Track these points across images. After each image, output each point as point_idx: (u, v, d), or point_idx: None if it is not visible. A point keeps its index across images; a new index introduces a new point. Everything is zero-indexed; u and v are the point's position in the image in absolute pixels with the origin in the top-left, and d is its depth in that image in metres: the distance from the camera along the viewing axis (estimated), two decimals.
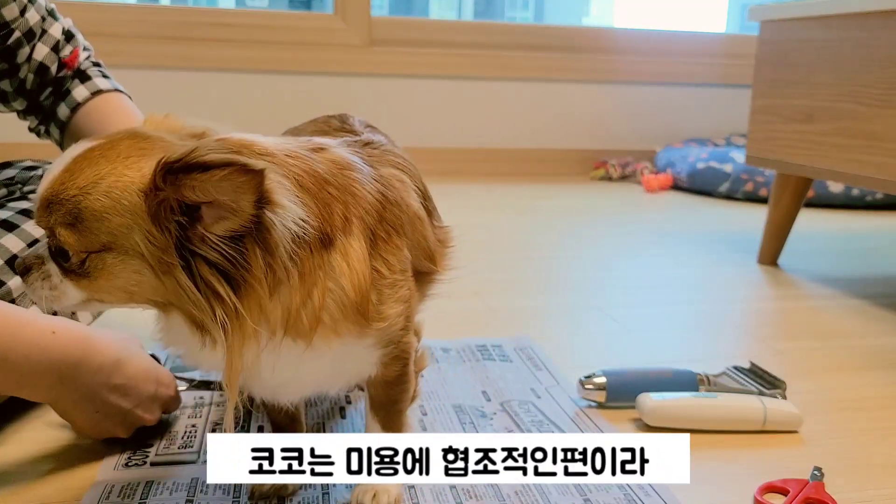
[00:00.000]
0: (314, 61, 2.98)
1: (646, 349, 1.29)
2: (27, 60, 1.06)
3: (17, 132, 1.19)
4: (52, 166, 0.64)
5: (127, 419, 0.85)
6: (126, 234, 0.61)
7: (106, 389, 0.81)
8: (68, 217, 0.61)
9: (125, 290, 0.63)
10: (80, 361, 0.79)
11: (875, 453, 0.94)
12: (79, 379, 0.79)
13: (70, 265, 0.63)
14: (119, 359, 0.82)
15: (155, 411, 0.88)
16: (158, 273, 0.61)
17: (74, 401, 0.81)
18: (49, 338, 0.76)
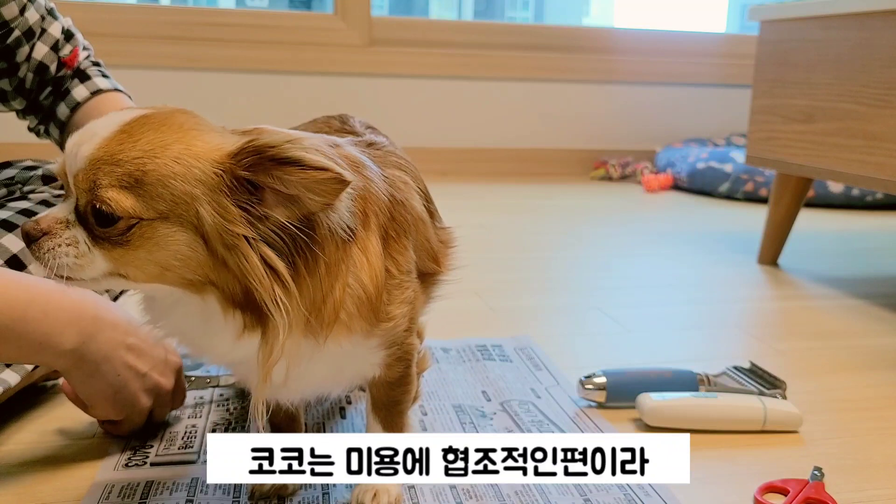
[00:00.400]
0: (314, 61, 2.99)
1: (646, 349, 1.29)
2: (26, 60, 1.06)
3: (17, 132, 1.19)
4: (93, 129, 0.62)
5: (146, 383, 0.84)
6: (188, 204, 0.60)
7: (123, 348, 0.81)
8: (126, 179, 0.60)
9: (164, 264, 0.61)
10: (96, 318, 0.78)
11: (875, 453, 0.94)
12: (98, 335, 0.78)
13: (109, 232, 0.60)
14: (130, 319, 0.82)
15: (169, 376, 0.88)
16: (217, 247, 0.60)
17: (94, 365, 0.79)
18: (63, 294, 0.76)
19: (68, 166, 0.62)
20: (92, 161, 0.60)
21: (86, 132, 0.62)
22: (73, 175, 0.61)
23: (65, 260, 0.62)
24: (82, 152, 0.61)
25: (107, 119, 0.63)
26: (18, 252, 0.88)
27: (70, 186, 0.62)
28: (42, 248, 0.62)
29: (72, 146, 0.62)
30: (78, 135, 0.62)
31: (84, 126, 0.64)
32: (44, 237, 0.62)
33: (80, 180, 0.61)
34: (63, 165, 0.63)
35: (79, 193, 0.61)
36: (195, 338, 0.67)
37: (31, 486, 0.80)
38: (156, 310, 0.68)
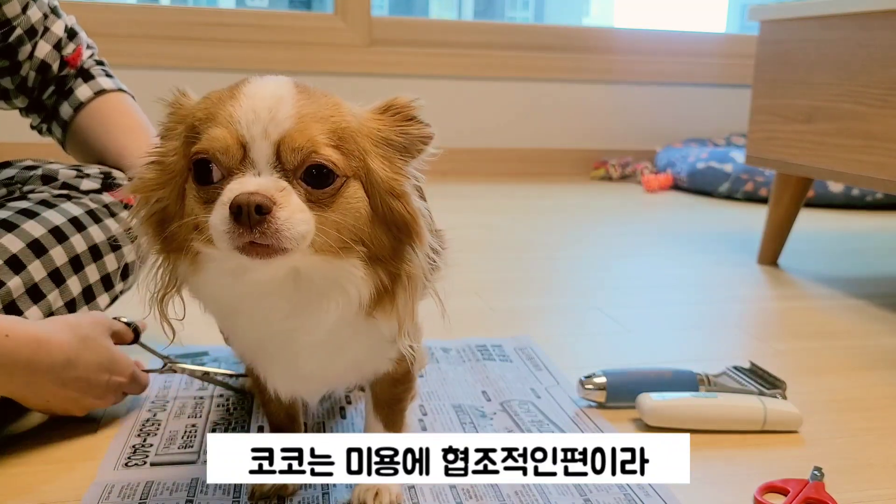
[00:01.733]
0: (314, 61, 2.98)
1: (646, 349, 1.29)
2: (29, 58, 1.06)
3: (17, 132, 1.19)
4: (268, 92, 0.60)
5: (78, 404, 0.89)
6: (364, 159, 0.62)
7: (57, 384, 0.84)
8: (332, 137, 0.60)
9: (345, 224, 0.60)
10: (30, 363, 0.80)
11: (875, 453, 0.94)
12: (29, 379, 0.81)
13: (323, 194, 0.59)
14: (69, 359, 0.83)
15: (107, 398, 0.91)
16: (385, 199, 0.62)
17: (22, 391, 0.83)
18: (3, 341, 0.77)
19: (256, 130, 0.58)
20: (301, 119, 0.59)
21: (264, 95, 0.59)
22: (277, 137, 0.58)
23: (303, 228, 0.58)
24: (283, 112, 0.59)
25: (269, 83, 0.61)
26: (18, 252, 0.88)
27: (262, 152, 0.58)
28: (278, 220, 0.57)
29: (259, 109, 0.58)
30: (253, 98, 0.59)
31: (238, 90, 0.60)
32: (275, 208, 0.57)
33: (292, 141, 0.58)
34: (237, 132, 0.58)
35: (288, 156, 0.58)
36: (303, 316, 0.65)
37: (31, 486, 0.80)
38: (259, 293, 0.64)
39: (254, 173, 0.58)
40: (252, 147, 0.59)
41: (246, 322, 0.69)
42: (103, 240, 0.99)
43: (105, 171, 1.06)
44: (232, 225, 0.57)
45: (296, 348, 0.68)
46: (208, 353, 1.15)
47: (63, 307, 0.92)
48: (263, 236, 0.57)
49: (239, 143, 0.59)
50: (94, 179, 1.04)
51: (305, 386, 0.76)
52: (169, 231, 0.64)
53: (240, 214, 0.56)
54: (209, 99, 0.63)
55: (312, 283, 0.63)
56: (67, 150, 1.15)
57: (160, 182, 0.64)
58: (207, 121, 0.60)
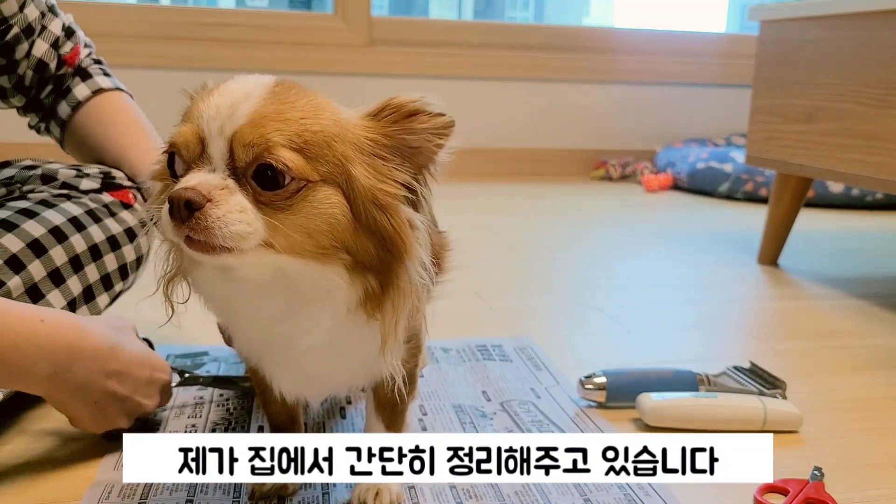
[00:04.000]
0: (314, 61, 2.98)
1: (646, 349, 1.29)
2: (26, 57, 1.06)
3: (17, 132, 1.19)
4: (239, 89, 0.60)
5: (126, 406, 0.84)
6: (343, 166, 0.60)
7: (102, 376, 0.80)
8: (295, 140, 0.58)
9: (315, 229, 0.59)
10: (72, 348, 0.76)
11: (875, 453, 0.94)
12: (73, 367, 0.77)
13: (275, 196, 0.58)
14: (113, 344, 0.81)
15: (154, 396, 0.87)
16: (368, 209, 0.60)
17: (71, 391, 0.78)
18: (38, 325, 0.74)
19: (214, 126, 0.58)
20: (258, 118, 0.58)
21: (233, 92, 0.60)
22: (230, 134, 0.58)
23: (238, 228, 0.57)
24: (241, 110, 0.58)
25: (244, 82, 0.61)
26: (18, 252, 0.88)
27: (218, 149, 0.59)
28: (209, 217, 0.57)
29: (221, 106, 0.59)
30: (222, 95, 0.59)
31: (214, 88, 0.61)
32: (208, 205, 0.57)
33: (243, 138, 0.58)
34: (199, 127, 0.59)
35: (240, 154, 0.58)
36: (294, 320, 0.65)
37: (31, 486, 0.80)
38: (248, 294, 0.64)
39: (209, 169, 0.59)
40: (209, 143, 0.59)
41: (243, 322, 0.69)
42: (103, 239, 0.98)
43: (105, 171, 1.06)
44: (170, 221, 0.58)
45: (297, 350, 0.68)
46: (208, 353, 1.15)
47: (64, 307, 0.92)
48: (194, 232, 0.57)
49: (198, 138, 0.59)
50: (94, 179, 1.04)
51: (311, 387, 0.76)
52: None
53: (172, 209, 0.57)
54: (194, 97, 0.64)
55: (299, 287, 0.63)
56: (66, 150, 1.15)
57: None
58: (185, 115, 0.62)
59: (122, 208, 1.03)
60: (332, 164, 0.60)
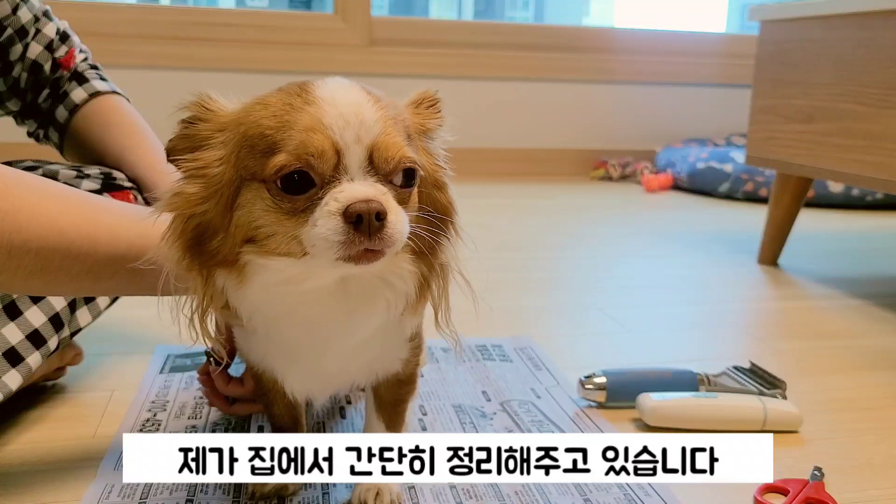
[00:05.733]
0: (314, 61, 2.98)
1: (646, 349, 1.29)
2: (20, 59, 1.06)
3: (17, 132, 1.19)
4: (343, 95, 0.59)
5: None
6: (419, 153, 0.64)
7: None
8: (406, 137, 0.61)
9: (410, 219, 0.61)
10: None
11: (875, 453, 0.94)
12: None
13: (406, 193, 0.61)
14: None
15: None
16: (428, 191, 0.65)
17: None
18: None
19: (349, 136, 0.58)
20: (384, 122, 0.59)
21: (343, 99, 0.59)
22: (369, 142, 0.58)
23: (405, 230, 0.59)
24: (370, 119, 0.58)
25: (340, 86, 0.60)
26: None
27: (356, 157, 0.58)
28: (391, 226, 0.57)
29: (346, 115, 0.58)
30: (336, 104, 0.58)
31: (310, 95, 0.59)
32: (389, 213, 0.57)
33: (385, 146, 0.58)
34: (335, 137, 0.57)
35: (381, 160, 0.59)
36: (352, 317, 0.66)
37: (31, 486, 0.80)
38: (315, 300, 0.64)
39: (347, 179, 0.58)
40: (346, 153, 0.58)
41: (295, 329, 0.68)
42: None
43: (105, 172, 1.05)
44: (351, 234, 0.56)
45: (328, 350, 0.69)
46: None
47: (64, 307, 0.92)
48: (380, 242, 0.57)
49: (334, 148, 0.57)
50: (95, 180, 1.04)
51: (321, 385, 0.77)
52: (212, 246, 0.62)
53: (359, 223, 0.56)
54: (270, 105, 0.60)
55: (362, 285, 0.64)
56: (66, 155, 1.15)
57: (205, 196, 0.61)
58: (284, 129, 0.58)
59: None
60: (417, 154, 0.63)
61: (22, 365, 0.85)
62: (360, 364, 0.74)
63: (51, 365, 1.01)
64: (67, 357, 1.05)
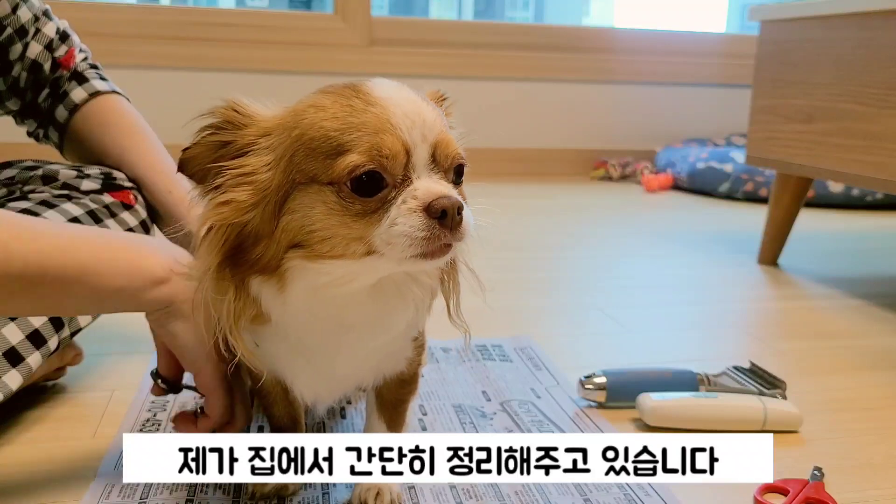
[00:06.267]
0: (314, 61, 2.98)
1: (646, 349, 1.29)
2: (20, 58, 1.06)
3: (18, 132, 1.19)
4: (402, 95, 0.61)
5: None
6: None
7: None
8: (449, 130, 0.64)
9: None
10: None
11: (875, 453, 0.94)
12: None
13: (459, 186, 0.65)
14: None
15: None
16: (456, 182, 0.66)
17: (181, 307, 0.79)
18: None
19: (416, 135, 0.60)
20: (440, 121, 0.62)
21: (404, 100, 0.61)
22: (433, 140, 0.61)
23: (473, 224, 0.62)
24: (430, 117, 0.61)
25: (394, 87, 0.62)
26: None
27: (422, 156, 0.60)
28: (465, 216, 0.60)
29: (410, 115, 0.60)
30: (399, 104, 0.60)
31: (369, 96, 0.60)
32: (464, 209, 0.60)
33: (446, 143, 0.61)
34: (404, 137, 0.59)
35: (442, 157, 0.61)
36: (383, 317, 0.67)
37: (31, 486, 0.80)
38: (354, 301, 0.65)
39: (415, 176, 0.60)
40: (414, 152, 0.60)
41: (323, 331, 0.67)
42: None
43: (105, 172, 1.06)
44: (436, 229, 0.58)
45: (346, 352, 0.69)
46: None
47: None
48: (458, 235, 0.60)
49: (404, 148, 0.59)
50: (95, 180, 1.04)
51: (330, 388, 0.77)
52: (253, 254, 0.61)
53: (444, 217, 0.58)
54: (327, 109, 0.60)
55: (395, 284, 0.65)
56: (65, 155, 1.15)
57: (252, 203, 0.61)
58: (351, 131, 0.58)
59: (122, 209, 1.03)
60: None
61: (22, 365, 0.85)
62: (370, 366, 0.75)
63: (51, 365, 1.01)
64: (67, 357, 1.05)
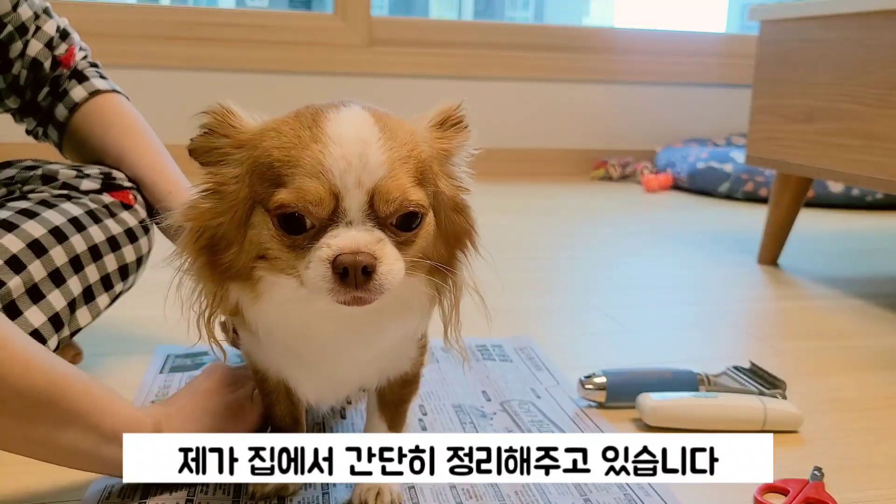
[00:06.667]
0: (314, 61, 2.98)
1: (646, 349, 1.29)
2: (20, 56, 1.06)
3: (17, 132, 1.19)
4: (352, 133, 0.58)
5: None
6: (436, 182, 0.63)
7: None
8: (416, 177, 0.60)
9: (421, 251, 0.62)
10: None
11: (875, 453, 0.94)
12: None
13: (407, 235, 0.60)
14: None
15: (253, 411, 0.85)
16: (448, 215, 0.64)
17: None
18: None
19: (350, 180, 0.56)
20: (389, 164, 0.57)
21: (349, 138, 0.57)
22: (371, 186, 0.57)
23: (399, 276, 0.59)
24: (371, 158, 0.57)
25: (350, 123, 0.59)
26: (18, 252, 0.88)
27: (356, 202, 0.57)
28: (381, 276, 0.57)
29: (349, 156, 0.57)
30: (340, 144, 0.57)
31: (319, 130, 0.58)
32: (378, 264, 0.57)
33: (386, 192, 0.57)
34: (331, 183, 0.56)
35: (382, 205, 0.58)
36: (367, 334, 0.67)
37: (32, 486, 0.80)
38: (335, 319, 0.65)
39: (346, 222, 0.58)
40: (345, 197, 0.57)
41: (310, 342, 0.68)
42: (103, 240, 0.98)
43: (105, 172, 1.06)
44: (336, 284, 0.57)
45: (343, 360, 0.69)
46: (208, 352, 1.15)
47: (64, 307, 0.92)
48: (367, 292, 0.57)
49: (332, 194, 0.57)
50: (94, 180, 1.04)
51: (334, 391, 0.78)
52: (225, 259, 0.62)
53: (345, 275, 0.56)
54: (282, 135, 0.59)
55: (387, 302, 0.63)
56: (65, 154, 1.15)
57: (219, 211, 0.62)
58: (289, 166, 0.58)
59: (122, 209, 1.03)
60: (432, 186, 0.62)
61: None
62: (374, 369, 0.75)
63: None
64: (67, 357, 1.05)
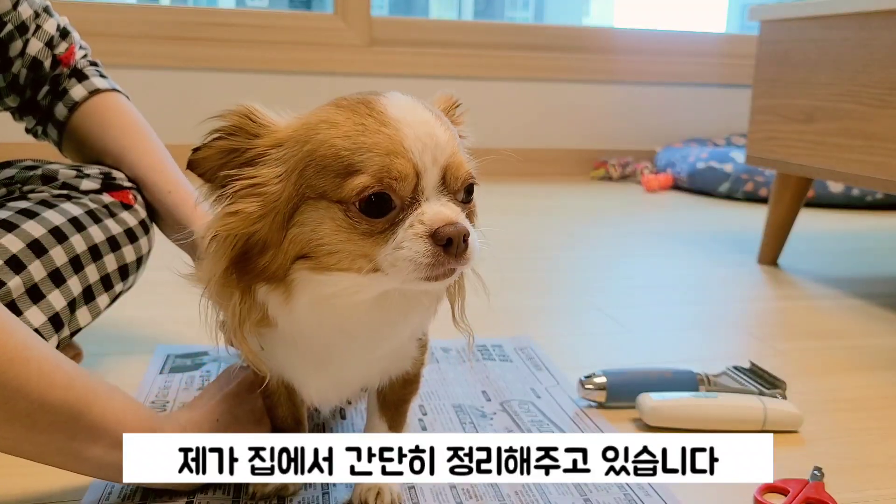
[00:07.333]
0: (314, 61, 2.98)
1: (646, 349, 1.29)
2: (20, 55, 1.06)
3: (17, 132, 1.19)
4: (414, 114, 0.60)
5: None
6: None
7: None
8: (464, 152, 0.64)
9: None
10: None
11: (875, 453, 0.94)
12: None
13: (469, 206, 0.65)
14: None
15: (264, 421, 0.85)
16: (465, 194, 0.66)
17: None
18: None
19: (427, 158, 0.59)
20: (452, 142, 0.61)
21: (417, 121, 0.60)
22: (444, 163, 0.60)
23: (479, 247, 0.61)
24: (442, 137, 0.60)
25: (410, 107, 0.61)
26: (18, 252, 0.88)
27: (432, 178, 0.60)
28: (470, 244, 0.60)
29: (422, 137, 0.59)
30: (412, 126, 0.59)
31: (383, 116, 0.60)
32: (470, 234, 0.60)
33: (457, 166, 0.61)
34: (415, 160, 0.59)
35: (452, 179, 0.61)
36: (388, 327, 0.68)
37: (31, 486, 0.80)
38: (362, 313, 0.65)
39: (423, 200, 0.60)
40: (423, 175, 0.59)
41: (330, 339, 0.68)
42: (103, 240, 0.98)
43: (105, 172, 1.06)
44: (441, 256, 0.58)
45: (355, 358, 0.69)
46: (208, 353, 1.15)
47: (64, 307, 0.92)
48: (464, 262, 0.60)
49: (415, 171, 0.59)
50: (94, 180, 1.04)
51: (338, 391, 0.77)
52: (260, 263, 0.62)
53: (449, 245, 0.58)
54: (339, 125, 0.60)
55: (399, 294, 0.64)
56: (64, 153, 1.14)
57: (262, 213, 0.61)
58: (361, 152, 0.58)
59: (122, 209, 1.03)
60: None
61: None
62: (378, 369, 0.75)
63: None
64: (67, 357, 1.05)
